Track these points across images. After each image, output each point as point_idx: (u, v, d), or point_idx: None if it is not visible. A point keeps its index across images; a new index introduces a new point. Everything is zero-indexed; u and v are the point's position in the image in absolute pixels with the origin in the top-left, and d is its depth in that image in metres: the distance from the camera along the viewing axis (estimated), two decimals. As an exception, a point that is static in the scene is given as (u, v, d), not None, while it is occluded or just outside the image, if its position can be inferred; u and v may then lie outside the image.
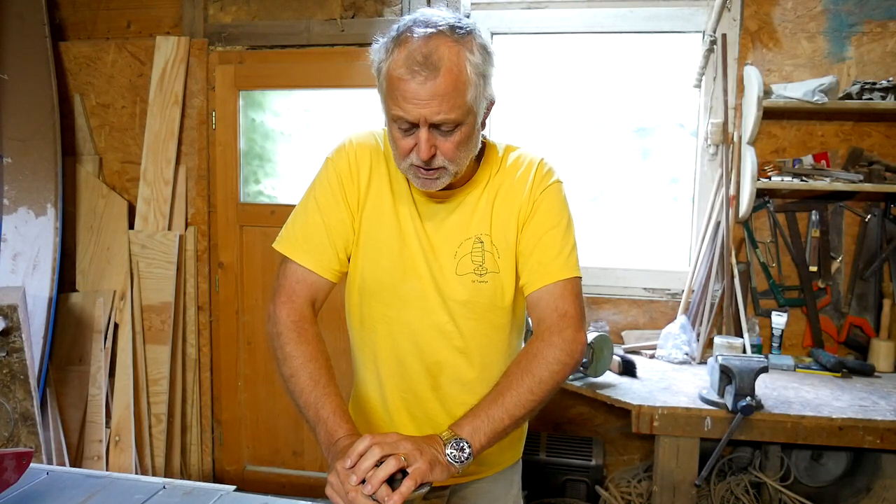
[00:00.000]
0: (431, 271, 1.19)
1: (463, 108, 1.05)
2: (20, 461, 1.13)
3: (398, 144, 1.10)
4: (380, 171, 1.22)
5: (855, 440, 1.91)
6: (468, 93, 1.05)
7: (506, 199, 1.20)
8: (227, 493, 1.20)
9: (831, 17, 2.43)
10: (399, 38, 1.05)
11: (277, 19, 2.79)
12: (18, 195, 2.62)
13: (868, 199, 2.48)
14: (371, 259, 1.21)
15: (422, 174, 1.11)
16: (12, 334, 2.27)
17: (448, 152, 1.08)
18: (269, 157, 2.96)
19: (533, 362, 1.11)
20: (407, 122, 1.05)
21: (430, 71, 1.01)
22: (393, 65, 1.04)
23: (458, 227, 1.19)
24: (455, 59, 1.03)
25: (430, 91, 1.02)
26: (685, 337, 2.43)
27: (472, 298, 1.19)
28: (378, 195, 1.21)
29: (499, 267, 1.19)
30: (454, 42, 1.03)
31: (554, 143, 2.77)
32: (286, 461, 3.01)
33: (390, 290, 1.21)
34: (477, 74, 1.05)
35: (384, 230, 1.20)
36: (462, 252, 1.19)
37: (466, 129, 1.08)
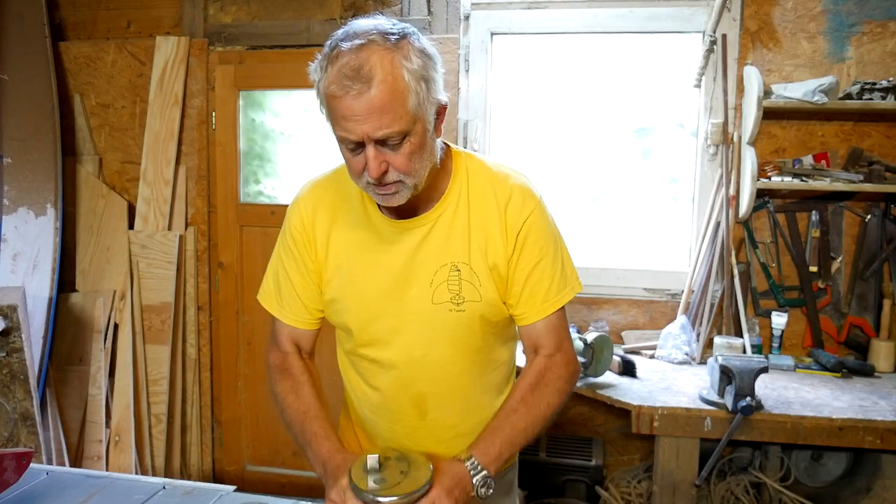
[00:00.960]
0: (405, 304, 1.15)
1: (405, 118, 0.98)
2: (20, 461, 1.13)
3: (350, 165, 1.05)
4: (340, 214, 1.19)
5: (855, 440, 1.91)
6: (409, 101, 0.98)
7: (484, 224, 1.15)
8: (227, 493, 1.20)
9: (831, 17, 2.43)
10: (330, 55, 0.99)
11: (277, 19, 2.79)
12: (18, 195, 2.62)
13: (868, 199, 2.48)
14: (342, 304, 1.20)
15: (380, 190, 1.05)
16: (12, 334, 2.27)
17: (401, 166, 1.02)
18: (269, 157, 2.96)
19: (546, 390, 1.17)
20: (351, 141, 1.00)
21: (363, 84, 0.95)
22: (326, 83, 0.98)
23: (433, 253, 1.14)
24: (389, 67, 0.96)
25: (366, 106, 0.96)
26: (685, 337, 2.43)
27: (448, 328, 1.15)
28: (342, 239, 1.19)
29: (480, 295, 1.14)
30: (386, 51, 0.97)
31: (554, 143, 2.77)
32: (286, 461, 3.01)
33: (363, 332, 1.20)
34: (416, 80, 0.99)
35: (350, 274, 1.18)
36: (438, 280, 1.14)
37: (416, 140, 1.01)
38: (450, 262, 1.14)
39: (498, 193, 1.15)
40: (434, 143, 1.08)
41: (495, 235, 1.14)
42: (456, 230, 1.15)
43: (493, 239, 1.14)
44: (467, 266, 1.14)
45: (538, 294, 1.17)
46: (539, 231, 1.16)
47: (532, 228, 1.15)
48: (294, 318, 1.25)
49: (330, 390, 1.30)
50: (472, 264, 1.14)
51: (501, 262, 1.15)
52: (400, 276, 1.15)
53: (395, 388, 1.21)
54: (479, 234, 1.14)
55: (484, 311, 1.16)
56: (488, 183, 1.16)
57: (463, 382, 1.21)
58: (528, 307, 1.17)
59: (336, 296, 1.20)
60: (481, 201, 1.15)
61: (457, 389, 1.21)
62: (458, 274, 1.14)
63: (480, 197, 1.16)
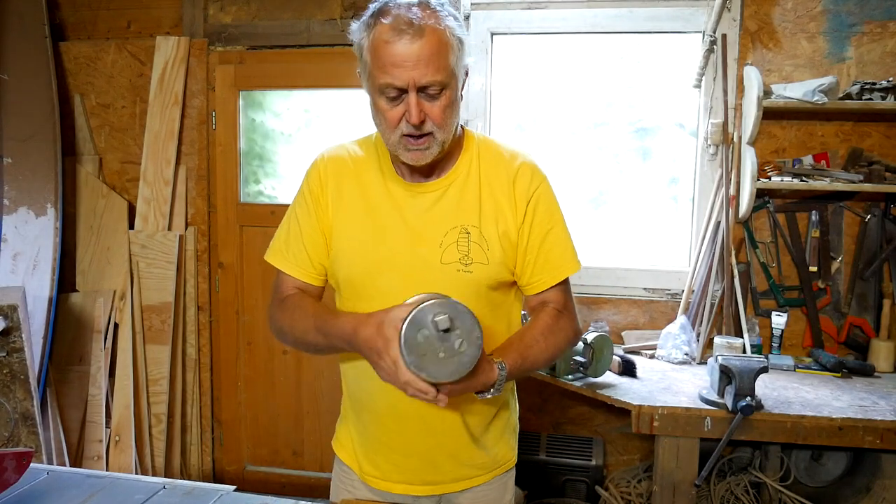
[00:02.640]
0: (414, 261, 1.19)
1: (447, 69, 1.09)
2: (20, 461, 1.13)
3: (386, 116, 1.12)
4: (353, 176, 1.26)
5: (855, 440, 1.91)
6: (451, 55, 1.09)
7: (493, 193, 1.22)
8: (227, 493, 1.20)
9: (831, 18, 2.43)
10: (380, 12, 1.09)
11: (277, 19, 2.79)
12: (18, 195, 2.62)
13: (868, 199, 2.48)
14: (346, 259, 1.23)
15: (412, 144, 1.12)
16: (12, 334, 2.27)
17: (436, 117, 1.11)
18: (269, 157, 2.96)
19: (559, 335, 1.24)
20: (395, 88, 1.08)
21: (416, 32, 1.05)
22: (378, 33, 1.07)
23: (444, 215, 1.21)
24: (436, 23, 1.07)
25: (417, 52, 1.05)
26: (685, 337, 2.43)
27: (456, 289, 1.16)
28: (354, 200, 1.24)
29: (487, 259, 1.20)
30: (433, 10, 1.09)
31: (554, 143, 2.77)
32: (286, 461, 3.01)
33: (368, 285, 1.22)
34: (456, 38, 1.10)
35: (361, 230, 1.22)
36: (448, 241, 1.19)
37: (451, 94, 1.11)
38: (460, 225, 1.20)
39: (508, 167, 1.24)
40: (460, 104, 1.17)
41: (505, 205, 1.21)
42: (467, 197, 1.21)
43: (503, 208, 1.21)
44: (477, 230, 1.20)
45: (551, 261, 1.24)
46: (548, 202, 1.25)
47: (541, 199, 1.23)
48: (299, 270, 1.27)
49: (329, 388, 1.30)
50: (483, 229, 1.20)
51: (512, 229, 1.21)
52: (411, 234, 1.20)
53: None
54: (489, 203, 1.21)
55: (491, 273, 1.20)
56: (499, 157, 1.25)
57: None
58: (541, 274, 1.24)
59: (344, 246, 1.23)
60: (491, 173, 1.23)
61: None
62: (468, 236, 1.19)
63: (491, 169, 1.23)
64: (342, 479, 1.36)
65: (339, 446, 1.38)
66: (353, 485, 1.33)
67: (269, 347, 2.95)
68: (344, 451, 1.36)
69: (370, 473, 1.30)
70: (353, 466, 1.33)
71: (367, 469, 1.31)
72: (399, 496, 1.28)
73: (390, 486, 1.29)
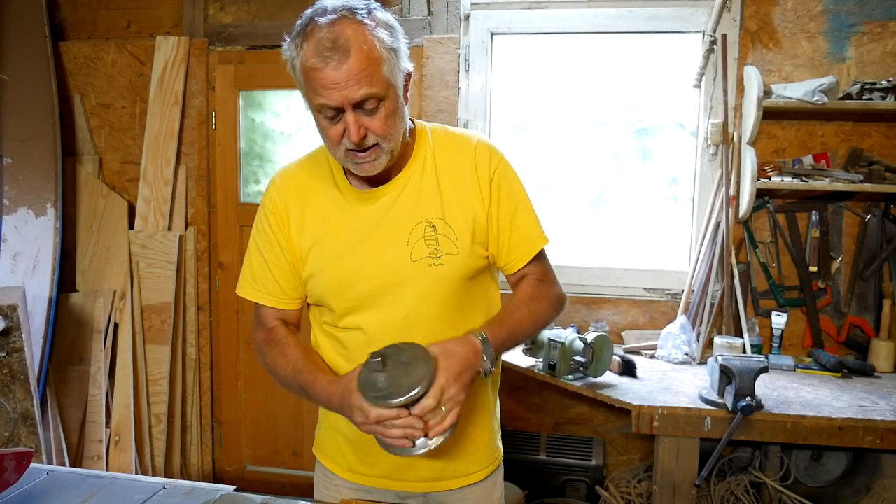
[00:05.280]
0: (385, 265, 1.18)
1: (381, 82, 1.06)
2: (20, 461, 1.13)
3: (328, 134, 1.11)
4: (311, 194, 1.24)
5: (855, 440, 1.91)
6: (382, 67, 1.06)
7: (454, 180, 1.21)
8: (227, 493, 1.20)
9: (831, 18, 2.43)
10: (304, 32, 1.08)
11: (277, 19, 2.79)
12: (18, 195, 2.62)
13: (868, 199, 2.48)
14: (320, 279, 1.22)
15: (359, 158, 1.11)
16: (12, 334, 2.27)
17: (378, 129, 1.09)
18: (270, 157, 2.96)
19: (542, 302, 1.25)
20: (331, 108, 1.07)
21: (342, 54, 1.03)
22: (305, 57, 1.06)
23: (405, 213, 1.19)
24: (362, 37, 1.05)
25: (346, 73, 1.03)
26: (685, 337, 2.43)
27: (430, 284, 1.19)
28: (315, 217, 1.23)
29: (457, 249, 1.18)
30: (358, 24, 1.06)
31: (554, 143, 2.77)
32: (286, 461, 3.01)
33: (345, 298, 1.21)
34: (387, 50, 1.07)
35: (328, 247, 1.21)
36: (414, 237, 1.18)
37: (390, 104, 1.09)
38: (424, 220, 1.19)
39: (464, 150, 1.23)
40: (405, 109, 1.15)
41: (469, 189, 1.21)
42: (426, 190, 1.20)
43: (467, 193, 1.20)
44: (442, 221, 1.19)
45: (524, 239, 1.24)
46: (511, 179, 1.24)
47: (504, 177, 1.23)
48: (272, 299, 1.28)
49: None
50: (447, 219, 1.19)
51: (480, 213, 1.21)
52: (375, 238, 1.19)
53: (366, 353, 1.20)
54: (451, 191, 1.20)
55: (463, 263, 1.19)
56: (453, 143, 1.24)
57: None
58: (517, 252, 1.25)
59: (314, 270, 1.22)
60: (447, 160, 1.22)
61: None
62: (434, 229, 1.18)
63: (446, 156, 1.22)
64: (325, 483, 1.36)
65: (319, 450, 1.38)
66: (337, 489, 1.33)
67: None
68: (324, 455, 1.36)
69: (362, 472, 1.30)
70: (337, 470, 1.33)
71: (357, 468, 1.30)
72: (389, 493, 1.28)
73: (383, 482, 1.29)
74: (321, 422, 1.39)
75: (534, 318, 1.24)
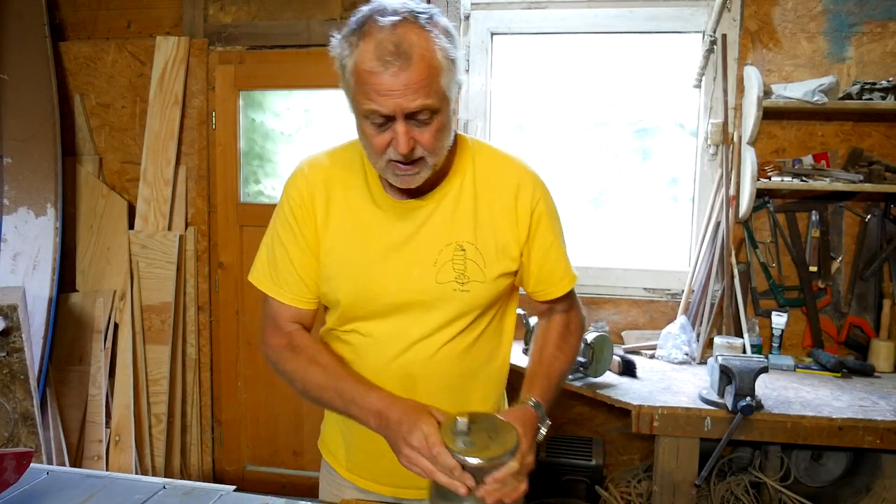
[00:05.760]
0: (408, 284, 1.14)
1: (438, 93, 1.00)
2: (20, 461, 1.13)
3: (373, 142, 1.04)
4: (340, 190, 1.17)
5: (855, 440, 1.91)
6: (442, 78, 1.00)
7: (490, 205, 1.15)
8: (227, 493, 1.19)
9: (831, 17, 2.43)
10: (362, 30, 0.99)
11: (277, 19, 2.79)
12: (18, 195, 2.62)
13: (868, 199, 2.48)
14: (337, 283, 1.17)
15: (401, 170, 1.05)
16: (12, 334, 2.27)
17: (427, 143, 1.03)
18: (270, 157, 2.96)
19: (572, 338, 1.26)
20: (381, 115, 1.00)
21: (404, 60, 0.96)
22: (361, 58, 0.98)
23: (437, 232, 1.14)
24: (425, 45, 0.98)
25: (405, 80, 0.97)
26: (685, 337, 2.43)
27: (451, 309, 1.15)
28: (342, 216, 1.17)
29: (485, 276, 1.14)
30: (420, 28, 0.99)
31: (554, 143, 2.77)
32: (286, 461, 3.01)
33: (361, 308, 1.17)
34: (447, 59, 1.01)
35: (351, 251, 1.16)
36: (443, 259, 1.13)
37: (443, 118, 1.03)
38: (454, 242, 1.14)
39: (507, 176, 1.17)
40: (452, 123, 1.10)
41: (504, 218, 1.16)
42: (461, 210, 1.15)
43: (502, 221, 1.16)
44: (472, 246, 1.14)
45: (557, 271, 1.22)
46: (550, 213, 1.21)
47: (544, 210, 1.18)
48: (294, 298, 1.20)
49: None
50: (479, 244, 1.14)
51: (512, 243, 1.16)
52: (403, 255, 1.14)
53: (383, 369, 1.17)
54: (486, 215, 1.15)
55: (488, 291, 1.16)
56: (495, 166, 1.18)
57: (457, 370, 1.19)
58: (548, 284, 1.23)
59: (333, 273, 1.16)
60: (488, 182, 1.16)
61: (450, 375, 1.19)
62: (464, 253, 1.14)
63: (487, 179, 1.17)
64: (329, 480, 1.35)
65: (324, 448, 1.36)
66: (339, 487, 1.32)
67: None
68: (329, 453, 1.34)
69: (358, 474, 1.28)
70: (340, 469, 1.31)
71: (355, 470, 1.29)
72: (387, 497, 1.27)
73: (378, 487, 1.27)
74: (327, 418, 1.37)
75: (569, 359, 1.24)
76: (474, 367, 1.22)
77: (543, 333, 1.26)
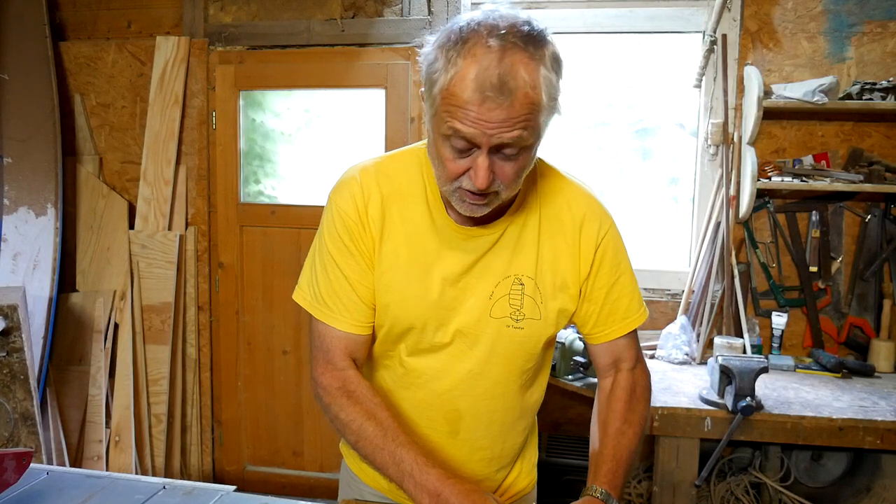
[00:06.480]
0: (461, 315, 1.07)
1: (534, 130, 0.91)
2: (20, 461, 1.13)
3: (447, 166, 0.93)
4: (397, 206, 1.07)
5: (855, 440, 1.91)
6: (541, 115, 0.91)
7: (554, 238, 1.08)
8: (227, 493, 1.19)
9: (831, 18, 2.43)
10: (465, 49, 0.87)
11: (278, 19, 2.79)
12: (18, 195, 2.62)
13: (868, 199, 2.48)
14: (389, 309, 1.09)
15: (470, 199, 0.95)
16: (12, 334, 2.27)
17: (507, 178, 0.93)
18: (270, 157, 2.96)
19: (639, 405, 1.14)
20: (465, 140, 0.89)
21: (504, 97, 0.85)
22: (457, 80, 0.87)
23: (498, 264, 1.06)
24: (532, 80, 0.87)
25: (502, 116, 0.87)
26: (685, 337, 2.43)
27: (502, 346, 1.09)
28: (396, 235, 1.07)
29: (541, 314, 1.07)
30: (530, 58, 0.87)
31: (554, 143, 2.77)
32: (286, 461, 3.01)
33: (408, 338, 1.10)
34: (550, 95, 0.90)
35: (405, 276, 1.07)
36: (499, 293, 1.06)
37: (529, 155, 0.94)
38: (514, 275, 1.06)
39: (573, 208, 1.09)
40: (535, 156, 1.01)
41: (567, 253, 1.08)
42: (524, 242, 1.07)
43: (564, 256, 1.08)
44: (532, 281, 1.07)
45: (618, 311, 1.13)
46: (616, 249, 1.12)
47: (609, 247, 1.10)
48: (352, 323, 1.08)
49: None
50: (538, 280, 1.07)
51: (572, 280, 1.09)
52: (459, 284, 1.06)
53: (430, 402, 1.13)
54: (548, 249, 1.08)
55: (542, 330, 1.09)
56: (562, 195, 1.10)
57: (504, 405, 1.14)
58: (606, 325, 1.13)
59: (390, 299, 1.08)
60: (553, 214, 1.09)
61: (496, 411, 1.14)
62: (522, 288, 1.06)
63: (553, 209, 1.09)
64: (350, 484, 1.31)
65: (348, 452, 1.32)
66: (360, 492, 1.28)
67: (269, 347, 2.95)
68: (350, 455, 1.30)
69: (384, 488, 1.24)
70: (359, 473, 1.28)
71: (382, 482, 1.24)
72: None
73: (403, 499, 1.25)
74: None
75: (639, 432, 1.11)
76: (520, 404, 1.17)
77: (607, 403, 1.14)
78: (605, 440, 1.09)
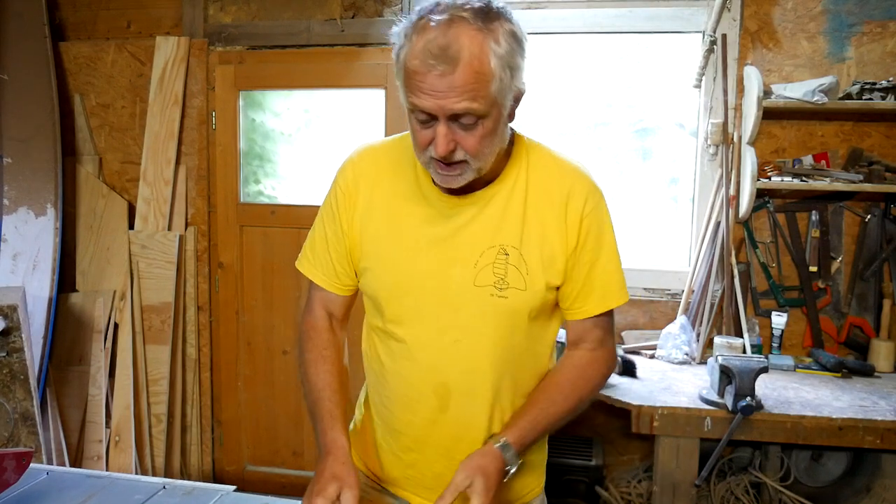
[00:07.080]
0: (445, 283, 1.10)
1: (485, 100, 0.96)
2: (20, 461, 1.13)
3: (416, 136, 1.02)
4: (388, 180, 1.15)
5: (855, 440, 1.91)
6: (491, 85, 0.95)
7: (541, 211, 1.10)
8: (227, 493, 1.20)
9: (831, 18, 2.43)
10: (417, 25, 0.96)
11: (277, 19, 2.79)
12: (18, 195, 2.62)
13: (868, 199, 2.48)
14: (374, 276, 1.16)
15: (442, 170, 1.02)
16: (12, 334, 2.27)
17: (470, 147, 0.99)
18: (270, 157, 2.96)
19: (585, 386, 1.17)
20: (425, 112, 0.97)
21: (447, 65, 0.92)
22: (409, 54, 0.96)
23: (482, 233, 1.10)
24: (477, 50, 0.93)
25: (448, 84, 0.93)
26: (685, 337, 2.43)
27: (487, 315, 1.10)
28: (386, 206, 1.15)
29: (525, 284, 1.09)
30: (477, 31, 0.94)
31: (554, 143, 2.76)
32: (286, 461, 3.01)
33: (394, 304, 1.14)
34: (503, 66, 0.96)
35: (390, 244, 1.13)
36: (484, 261, 1.09)
37: (490, 124, 0.99)
38: (499, 245, 1.09)
39: (561, 182, 1.12)
40: (506, 128, 1.06)
41: (554, 226, 1.10)
42: (510, 213, 1.10)
43: (551, 229, 1.10)
44: (517, 251, 1.09)
45: (596, 290, 1.14)
46: (602, 226, 1.14)
47: (596, 221, 1.13)
48: (324, 280, 1.22)
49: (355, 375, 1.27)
50: (523, 250, 1.09)
51: (559, 253, 1.10)
52: (443, 252, 1.11)
53: (418, 374, 1.15)
54: (534, 221, 1.10)
55: (527, 300, 1.10)
56: (549, 169, 1.13)
57: (492, 380, 1.13)
58: (584, 302, 1.14)
59: (371, 264, 1.15)
60: (541, 187, 1.11)
61: (485, 387, 1.14)
62: (506, 258, 1.09)
63: (540, 183, 1.12)
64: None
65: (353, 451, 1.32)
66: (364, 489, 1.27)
67: (269, 347, 2.95)
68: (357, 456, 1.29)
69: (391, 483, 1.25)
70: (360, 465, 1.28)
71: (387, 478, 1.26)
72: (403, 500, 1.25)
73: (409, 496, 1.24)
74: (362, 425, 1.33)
75: (571, 411, 1.15)
76: (512, 384, 1.16)
77: (556, 370, 1.18)
78: (534, 402, 1.14)
